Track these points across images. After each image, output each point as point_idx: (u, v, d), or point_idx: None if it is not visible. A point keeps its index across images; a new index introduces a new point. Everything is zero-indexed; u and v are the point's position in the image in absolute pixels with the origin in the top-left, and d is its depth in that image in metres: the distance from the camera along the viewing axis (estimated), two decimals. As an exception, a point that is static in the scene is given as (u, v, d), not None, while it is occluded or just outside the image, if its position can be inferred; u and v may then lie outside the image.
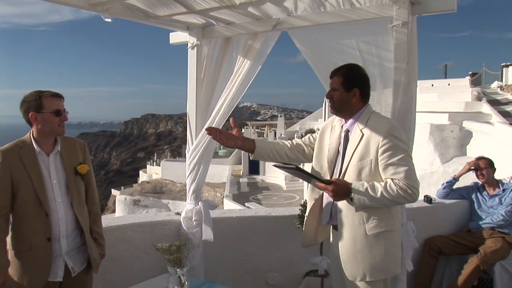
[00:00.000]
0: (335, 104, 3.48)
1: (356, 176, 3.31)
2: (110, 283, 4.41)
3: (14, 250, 3.59)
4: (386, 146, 3.20)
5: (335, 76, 3.49)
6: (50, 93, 3.64)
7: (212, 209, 4.92)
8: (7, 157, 3.53)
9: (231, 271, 5.16)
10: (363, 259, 3.33)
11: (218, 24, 4.68)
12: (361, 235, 3.32)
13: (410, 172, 3.16)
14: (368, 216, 3.28)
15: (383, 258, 3.29)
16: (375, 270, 3.31)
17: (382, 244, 3.29)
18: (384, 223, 3.28)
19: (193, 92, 4.78)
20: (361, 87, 3.45)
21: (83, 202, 3.83)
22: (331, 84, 3.50)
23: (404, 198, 3.13)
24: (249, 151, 3.74)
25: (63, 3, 3.85)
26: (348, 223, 3.37)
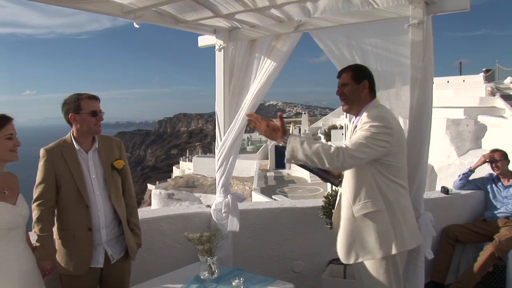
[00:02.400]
0: (347, 99, 3.47)
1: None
2: (146, 271, 4.45)
3: (60, 239, 3.72)
4: (359, 127, 3.22)
5: (344, 73, 3.49)
6: (87, 95, 3.74)
7: (240, 201, 4.94)
8: (51, 154, 3.68)
9: (259, 259, 5.17)
10: (355, 240, 3.33)
11: (243, 27, 4.68)
12: (350, 217, 3.33)
13: (359, 144, 3.11)
14: (354, 198, 3.28)
15: (373, 239, 3.26)
16: (367, 251, 3.29)
17: (370, 225, 3.27)
18: (371, 204, 3.26)
19: (221, 92, 4.79)
20: (370, 79, 3.46)
21: (120, 195, 3.90)
22: (340, 82, 3.50)
23: (332, 157, 3.05)
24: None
25: (99, 12, 3.91)
26: (343, 207, 3.41)
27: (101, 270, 3.80)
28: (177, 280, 3.56)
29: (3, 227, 3.06)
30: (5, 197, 3.13)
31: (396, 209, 3.31)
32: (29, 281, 3.18)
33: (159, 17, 4.27)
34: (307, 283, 5.20)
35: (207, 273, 3.48)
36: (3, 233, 3.07)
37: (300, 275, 5.24)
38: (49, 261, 3.56)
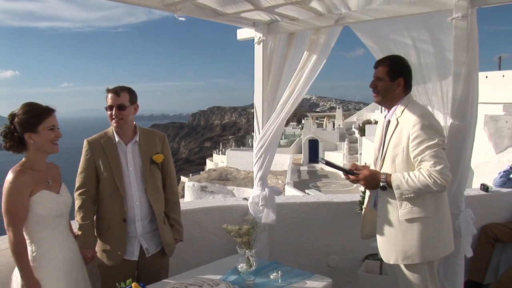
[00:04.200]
0: (379, 94, 3.43)
1: (391, 163, 3.30)
2: (183, 262, 4.49)
3: (96, 229, 3.81)
4: (415, 134, 3.14)
5: (380, 66, 3.44)
6: (107, 89, 3.80)
7: (277, 195, 4.93)
8: (92, 145, 3.79)
9: (294, 253, 5.16)
10: (396, 243, 3.30)
11: (283, 20, 4.66)
12: (394, 220, 3.29)
13: (438, 160, 3.07)
14: (401, 202, 3.24)
15: (416, 244, 3.22)
16: (407, 255, 3.25)
17: (415, 230, 3.22)
18: (417, 210, 3.21)
19: (260, 85, 4.79)
20: (405, 77, 3.39)
21: (158, 189, 3.92)
22: (375, 74, 3.45)
23: (432, 186, 3.05)
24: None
25: (141, 5, 3.96)
26: (385, 208, 3.35)
27: (137, 263, 3.85)
28: (215, 272, 3.57)
29: (48, 215, 3.14)
30: (49, 186, 3.21)
31: (440, 216, 3.28)
32: (73, 268, 3.28)
33: (199, 10, 4.29)
34: (342, 278, 5.17)
35: (245, 265, 3.49)
36: (48, 221, 3.16)
37: (336, 270, 5.21)
38: (90, 249, 3.65)
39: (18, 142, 3.12)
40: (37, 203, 3.09)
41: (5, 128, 3.14)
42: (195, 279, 3.31)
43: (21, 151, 3.17)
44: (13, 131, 3.11)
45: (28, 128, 3.09)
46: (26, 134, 3.09)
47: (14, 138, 3.11)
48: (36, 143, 3.12)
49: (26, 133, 3.09)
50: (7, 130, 3.12)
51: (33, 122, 3.09)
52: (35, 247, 3.13)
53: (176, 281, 3.32)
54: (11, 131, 3.11)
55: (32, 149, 3.15)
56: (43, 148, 3.17)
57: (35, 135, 3.10)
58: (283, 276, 3.44)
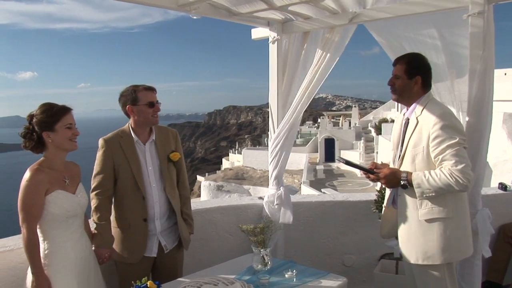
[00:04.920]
0: (397, 92, 3.41)
1: (411, 163, 3.26)
2: (198, 261, 4.51)
3: (117, 228, 3.82)
4: (435, 134, 3.10)
5: (398, 63, 3.41)
6: (144, 86, 3.80)
7: (293, 194, 4.92)
8: (109, 144, 3.77)
9: (310, 252, 5.15)
10: (416, 243, 3.27)
11: (297, 19, 4.65)
12: (414, 220, 3.26)
13: (459, 159, 3.03)
14: (421, 202, 3.20)
15: (436, 244, 3.18)
16: (427, 255, 3.22)
17: (435, 231, 3.19)
18: (437, 210, 3.17)
19: (275, 84, 4.79)
20: (424, 75, 3.35)
21: (174, 186, 3.95)
22: (393, 71, 3.42)
23: (453, 185, 3.01)
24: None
25: (155, 5, 3.99)
26: (405, 207, 3.32)
27: (155, 259, 3.88)
28: (230, 271, 3.58)
29: (62, 215, 3.18)
30: (66, 185, 3.25)
31: (461, 217, 3.24)
32: (85, 267, 3.32)
33: (213, 9, 4.30)
34: (358, 278, 5.15)
35: (260, 264, 3.50)
36: (61, 220, 3.20)
37: (351, 269, 5.19)
38: (106, 249, 3.67)
39: (37, 141, 3.19)
40: (51, 203, 3.13)
41: (24, 128, 3.21)
42: (210, 277, 3.31)
43: (41, 150, 3.23)
44: (32, 131, 3.18)
45: (46, 127, 3.15)
46: (44, 133, 3.15)
47: (33, 138, 3.18)
48: (54, 142, 3.18)
49: (44, 132, 3.15)
50: (26, 130, 3.20)
51: (51, 121, 3.16)
52: (48, 245, 3.17)
53: (191, 279, 3.33)
54: (30, 131, 3.19)
55: (51, 148, 3.21)
56: (62, 146, 3.22)
57: (53, 134, 3.16)
58: (298, 275, 3.44)
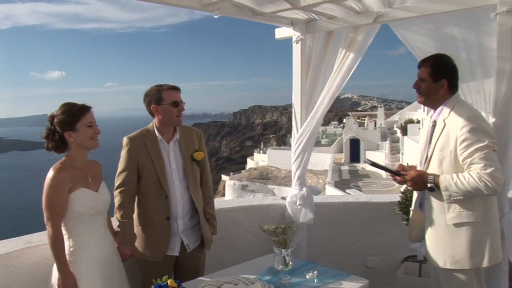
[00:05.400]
0: (422, 94, 3.34)
1: (438, 166, 3.20)
2: (220, 260, 4.51)
3: (139, 226, 3.86)
4: (463, 137, 3.03)
5: (423, 66, 3.34)
6: (168, 86, 3.82)
7: (315, 194, 4.90)
8: (133, 143, 3.80)
9: (332, 253, 5.11)
10: (444, 247, 3.20)
11: (321, 18, 4.62)
12: (442, 224, 3.20)
13: (489, 163, 2.96)
14: (449, 206, 3.14)
15: (464, 249, 3.11)
16: (455, 259, 3.15)
17: (463, 235, 3.12)
18: (466, 214, 3.10)
19: (298, 84, 4.77)
20: (449, 78, 3.28)
21: (198, 185, 3.97)
22: (419, 74, 3.35)
23: (482, 189, 2.95)
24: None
25: (179, 5, 4.01)
26: (432, 210, 3.26)
27: (177, 258, 3.90)
28: (251, 271, 3.57)
29: (86, 212, 3.22)
30: (88, 183, 3.29)
31: (490, 221, 3.17)
32: (109, 264, 3.35)
33: (237, 9, 4.30)
34: (381, 280, 5.08)
35: (281, 265, 3.48)
36: (85, 218, 3.24)
37: (374, 271, 5.14)
38: (129, 247, 3.71)
39: (59, 142, 3.23)
40: (75, 201, 3.18)
41: (46, 129, 3.25)
42: (230, 277, 3.31)
43: (63, 150, 3.28)
44: (53, 131, 3.23)
45: (67, 127, 3.19)
46: (66, 133, 3.20)
47: (55, 138, 3.23)
48: (76, 141, 3.22)
49: (66, 132, 3.20)
50: (48, 131, 3.25)
51: (71, 120, 3.19)
52: (73, 242, 3.22)
53: (212, 279, 3.33)
54: (52, 132, 3.23)
55: (73, 147, 3.25)
56: (83, 145, 3.26)
57: (74, 133, 3.20)
58: (319, 276, 3.41)
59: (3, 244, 3.69)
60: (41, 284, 3.49)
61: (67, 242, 3.21)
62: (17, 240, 3.78)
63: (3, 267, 3.46)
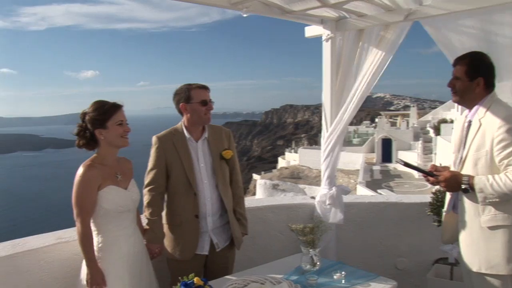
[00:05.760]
0: (457, 94, 3.23)
1: (473, 166, 3.10)
2: (249, 259, 4.49)
3: (168, 224, 3.87)
4: (500, 137, 2.93)
5: (458, 64, 3.22)
6: (197, 85, 3.83)
7: (345, 194, 4.86)
8: (162, 142, 3.82)
9: (361, 254, 5.05)
10: (478, 250, 3.09)
11: (351, 16, 4.58)
12: (476, 226, 3.09)
13: None
14: (484, 208, 3.03)
15: (501, 253, 3.00)
16: (491, 264, 3.03)
17: (499, 239, 3.01)
18: (501, 217, 2.99)
19: (328, 83, 4.73)
20: (486, 76, 3.16)
21: (227, 184, 3.96)
22: (454, 73, 3.24)
23: None
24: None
25: (208, 4, 4.01)
26: (466, 212, 3.16)
27: (206, 257, 3.90)
28: (278, 270, 3.54)
29: (114, 210, 3.25)
30: (118, 181, 3.32)
31: None
32: (137, 262, 3.37)
33: (266, 8, 4.28)
34: (410, 282, 5.01)
35: (309, 264, 3.45)
36: (114, 215, 3.27)
37: (403, 272, 5.06)
38: (157, 245, 3.73)
39: (90, 139, 3.27)
40: (104, 198, 3.21)
41: (78, 126, 3.30)
42: (257, 276, 3.29)
43: (94, 148, 3.32)
44: (85, 128, 3.27)
45: (98, 125, 3.23)
46: (96, 131, 3.23)
47: (86, 135, 3.27)
48: (106, 139, 3.26)
49: (96, 130, 3.23)
50: (80, 128, 3.29)
51: (102, 118, 3.23)
52: (102, 239, 3.25)
53: (239, 277, 3.32)
54: (83, 129, 3.27)
55: (103, 145, 3.28)
56: (113, 143, 3.30)
57: (105, 131, 3.24)
58: (347, 276, 3.37)
59: (35, 239, 3.76)
60: (71, 279, 3.54)
61: (96, 238, 3.24)
62: (48, 236, 3.84)
63: (35, 261, 3.53)
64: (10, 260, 3.44)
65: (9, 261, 3.43)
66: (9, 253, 3.46)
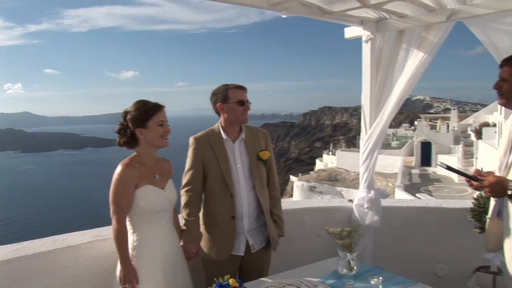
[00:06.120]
0: (504, 96, 3.05)
1: None
2: (285, 261, 4.45)
3: (204, 225, 3.87)
4: None
5: (506, 65, 3.04)
6: (234, 85, 3.82)
7: (383, 197, 4.78)
8: (199, 142, 3.82)
9: (399, 259, 4.95)
10: None
11: (391, 17, 4.50)
12: None
13: None
14: None
15: None
16: None
17: None
18: None
19: (368, 85, 4.67)
20: None
21: (264, 185, 3.93)
22: (500, 74, 3.07)
23: None
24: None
25: (247, 4, 4.00)
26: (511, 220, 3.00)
27: (242, 258, 3.88)
28: (314, 274, 3.48)
29: (150, 210, 3.26)
30: (155, 181, 3.32)
31: None
32: (171, 262, 3.37)
33: (305, 8, 4.24)
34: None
35: (346, 269, 3.38)
36: (150, 215, 3.28)
37: (443, 280, 4.93)
38: (194, 245, 3.73)
39: (130, 138, 3.29)
40: (140, 197, 3.22)
41: (119, 125, 3.32)
42: (293, 279, 3.25)
43: (133, 146, 3.34)
44: (126, 127, 3.29)
45: (138, 124, 3.25)
46: (137, 130, 3.25)
47: (126, 134, 3.29)
48: (146, 138, 3.27)
49: (137, 129, 3.25)
50: (121, 126, 3.31)
51: (143, 117, 3.24)
52: (137, 237, 3.27)
53: (275, 280, 3.28)
54: (124, 127, 3.30)
55: (143, 144, 3.30)
56: (153, 143, 3.31)
57: (145, 131, 3.25)
58: (384, 282, 3.28)
59: (74, 236, 3.82)
60: (108, 277, 3.57)
61: (131, 236, 3.26)
62: (86, 233, 3.90)
63: (73, 258, 3.59)
64: (49, 256, 3.50)
65: (48, 257, 3.49)
66: (49, 249, 3.52)
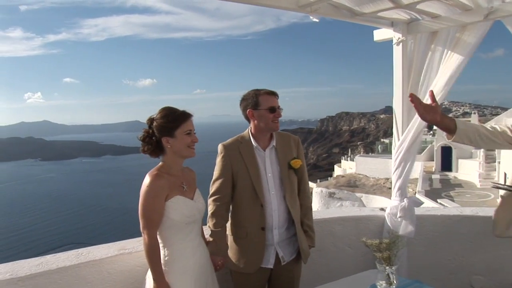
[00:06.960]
0: None
1: None
2: (315, 273, 4.32)
3: (233, 236, 3.73)
4: None
5: None
6: (266, 91, 3.68)
7: (417, 206, 4.58)
8: (228, 150, 3.68)
9: (433, 270, 4.77)
10: None
11: (423, 18, 4.33)
12: None
13: None
14: None
15: None
16: None
17: None
18: None
19: (399, 89, 4.49)
20: None
21: (295, 195, 3.78)
22: None
23: None
24: (446, 131, 3.23)
25: (275, 6, 3.88)
26: None
27: (271, 271, 3.74)
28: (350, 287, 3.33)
29: (182, 221, 3.13)
30: (184, 191, 3.21)
31: None
32: (202, 275, 3.24)
33: (335, 10, 4.11)
34: (487, 301, 4.67)
35: (385, 283, 3.20)
36: (181, 226, 3.14)
37: (480, 291, 4.73)
38: (221, 257, 3.58)
39: (155, 146, 3.16)
40: (171, 208, 3.09)
41: (144, 132, 3.18)
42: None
43: (158, 155, 3.21)
44: (151, 135, 3.16)
45: (165, 132, 3.11)
46: (163, 139, 3.12)
47: (152, 142, 3.15)
48: (173, 148, 3.14)
49: (163, 138, 3.12)
50: (146, 134, 3.18)
51: (171, 126, 3.11)
52: (168, 251, 3.13)
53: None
54: (149, 135, 3.17)
55: (169, 154, 3.17)
56: (180, 153, 3.18)
57: (172, 140, 3.12)
58: (426, 297, 3.11)
59: (98, 249, 3.69)
60: (134, 291, 3.45)
61: (162, 251, 3.13)
62: (111, 246, 3.77)
63: (97, 272, 3.46)
64: (73, 271, 3.37)
65: (72, 272, 3.37)
66: (73, 263, 3.39)
